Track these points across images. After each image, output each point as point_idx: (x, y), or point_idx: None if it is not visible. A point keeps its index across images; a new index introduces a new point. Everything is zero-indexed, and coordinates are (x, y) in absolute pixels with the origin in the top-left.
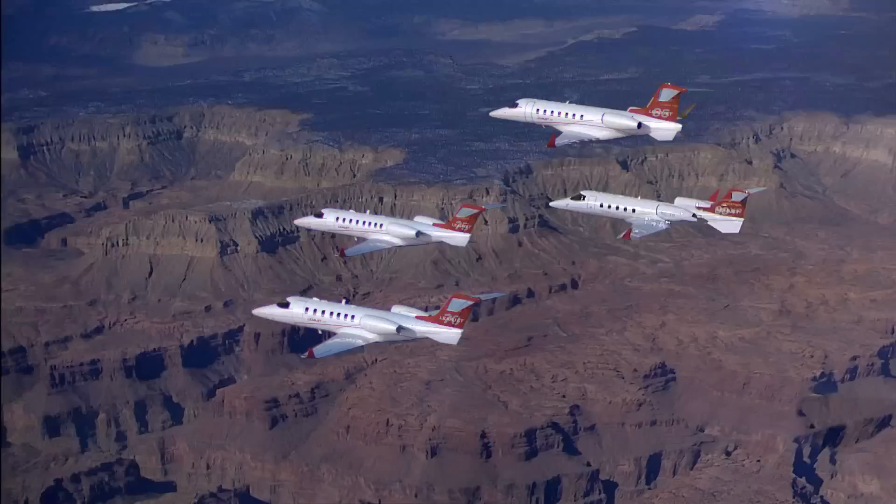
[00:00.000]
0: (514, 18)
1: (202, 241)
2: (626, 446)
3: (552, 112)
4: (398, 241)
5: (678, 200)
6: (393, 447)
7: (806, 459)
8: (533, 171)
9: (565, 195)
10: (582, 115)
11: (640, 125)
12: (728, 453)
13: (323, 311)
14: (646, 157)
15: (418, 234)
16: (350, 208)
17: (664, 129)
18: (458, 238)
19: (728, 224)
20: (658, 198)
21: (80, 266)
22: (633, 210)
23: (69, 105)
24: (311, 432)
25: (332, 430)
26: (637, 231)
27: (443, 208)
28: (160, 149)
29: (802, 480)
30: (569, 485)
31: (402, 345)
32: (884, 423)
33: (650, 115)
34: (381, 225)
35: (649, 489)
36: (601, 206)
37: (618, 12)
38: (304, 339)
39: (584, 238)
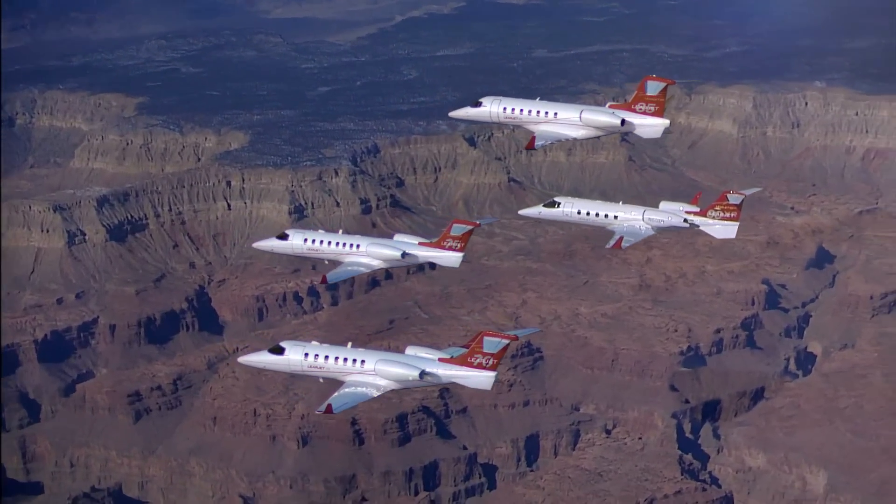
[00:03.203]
0: None
1: (48, 231)
2: (501, 428)
3: (522, 110)
4: (380, 264)
5: (664, 205)
6: (263, 437)
7: (689, 435)
8: (380, 150)
9: (414, 173)
10: (556, 113)
11: (623, 122)
12: (608, 432)
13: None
14: (492, 134)
15: (404, 255)
16: (197, 193)
17: (650, 125)
18: (450, 258)
19: (723, 228)
20: (508, 171)
21: None
22: (616, 217)
23: None
24: (177, 425)
25: (199, 422)
26: (627, 239)
27: (293, 191)
28: None
29: (689, 457)
30: (447, 469)
31: (262, 332)
32: (758, 395)
33: (633, 111)
34: (357, 246)
35: (531, 471)
36: (579, 213)
37: None
38: (161, 328)
39: (437, 217)
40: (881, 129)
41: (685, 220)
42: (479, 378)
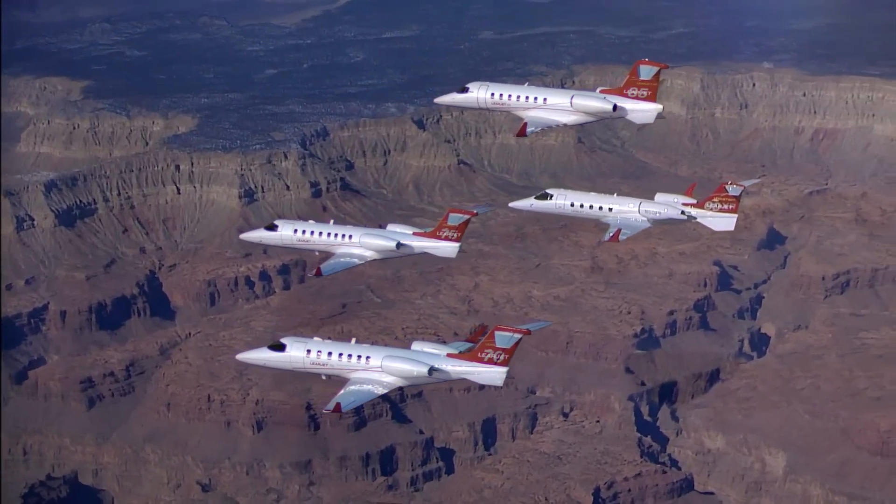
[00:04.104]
0: None
1: None
2: (457, 412)
3: (510, 96)
4: (373, 255)
5: (659, 197)
6: (217, 423)
7: (647, 418)
8: (329, 134)
9: (363, 156)
10: (546, 99)
11: (615, 107)
12: (565, 415)
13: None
14: (441, 116)
15: (399, 245)
16: (146, 177)
17: (643, 110)
18: (447, 248)
19: (722, 221)
20: (457, 154)
21: None
22: (611, 209)
23: None
24: (130, 412)
25: (153, 408)
26: (624, 232)
27: (242, 175)
28: None
29: (648, 439)
30: (404, 454)
31: (214, 317)
32: (713, 377)
33: (625, 96)
34: (350, 236)
35: (490, 455)
36: (572, 205)
37: None
38: (112, 314)
39: (388, 200)
40: (829, 110)
41: (682, 213)
42: (491, 374)
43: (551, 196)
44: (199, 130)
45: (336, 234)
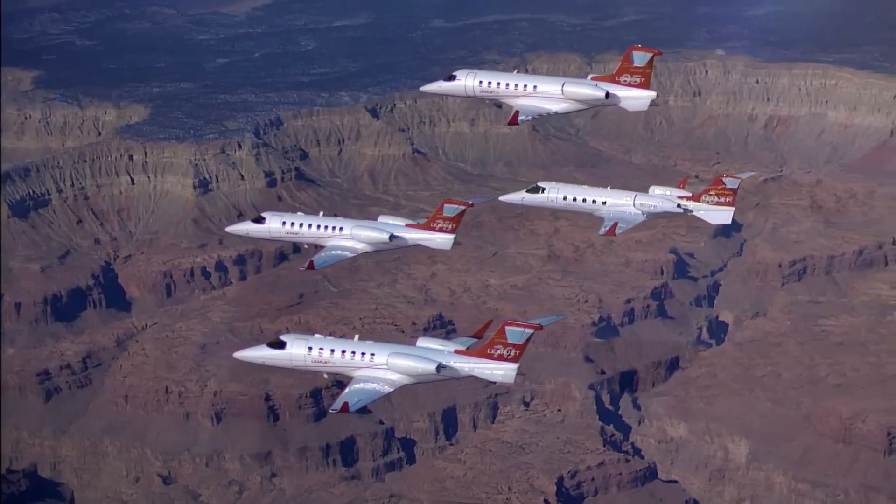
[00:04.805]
0: None
1: None
2: (417, 402)
3: (499, 84)
4: (365, 247)
5: (654, 190)
6: (176, 415)
7: (608, 406)
8: (283, 123)
9: (318, 145)
10: (536, 87)
11: (608, 95)
12: (526, 404)
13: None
14: (395, 105)
15: (392, 237)
16: (99, 167)
17: (636, 97)
18: (441, 240)
19: (719, 214)
20: (412, 143)
21: None
22: (605, 202)
23: None
24: (88, 404)
25: (111, 400)
26: (620, 226)
27: (196, 164)
28: None
29: (611, 428)
30: (364, 445)
31: (170, 308)
32: (673, 364)
33: (618, 83)
34: (341, 228)
35: (451, 445)
36: (565, 198)
37: None
38: (67, 306)
39: (343, 189)
40: (782, 97)
41: (678, 206)
42: (501, 371)
43: (543, 189)
44: (151, 120)
45: (326, 227)
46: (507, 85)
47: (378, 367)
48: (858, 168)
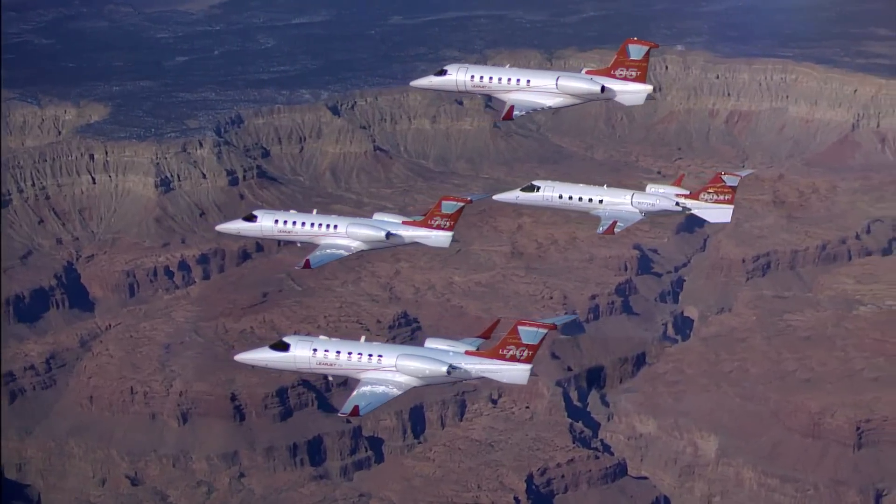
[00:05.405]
0: None
1: None
2: None
3: (491, 78)
4: (360, 246)
5: (651, 188)
6: (142, 416)
7: (577, 403)
8: (244, 121)
9: (279, 143)
10: (529, 81)
11: (603, 89)
12: (494, 402)
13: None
14: (356, 102)
15: (388, 235)
16: (60, 167)
17: (633, 91)
18: (439, 238)
19: (717, 212)
20: (373, 140)
21: None
22: (601, 201)
23: None
24: (53, 405)
25: (75, 401)
26: (619, 224)
27: (158, 163)
28: None
29: (580, 425)
30: (332, 444)
31: (134, 308)
32: (640, 360)
33: (613, 77)
34: (335, 226)
35: (419, 443)
36: (560, 197)
37: None
38: (30, 306)
39: (305, 187)
40: (743, 92)
41: (677, 204)
42: (514, 372)
43: (538, 188)
44: (112, 119)
45: (321, 225)
46: (500, 79)
47: (386, 369)
48: (820, 163)
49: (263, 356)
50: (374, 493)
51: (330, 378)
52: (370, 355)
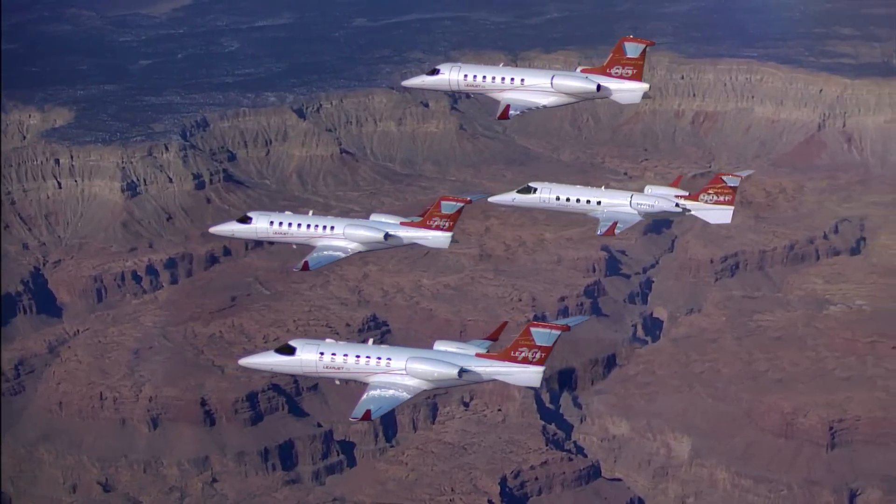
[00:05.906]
0: None
1: None
2: (354, 404)
3: (485, 77)
4: (358, 247)
5: (650, 189)
6: (112, 421)
7: (549, 405)
8: (210, 124)
9: (245, 147)
10: (523, 80)
11: (599, 87)
12: (466, 404)
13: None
14: (321, 105)
15: (387, 236)
16: (25, 171)
17: (628, 90)
18: (438, 238)
19: (718, 213)
20: (339, 143)
21: None
22: (599, 203)
23: None
24: (22, 411)
25: (45, 407)
26: (619, 226)
27: (124, 167)
28: None
29: (553, 427)
30: (303, 448)
31: (102, 313)
32: (610, 362)
33: (609, 75)
34: (332, 227)
35: (391, 447)
36: (558, 199)
37: None
38: None
39: (272, 191)
40: (708, 93)
41: (677, 205)
42: (526, 374)
43: (535, 190)
44: (77, 123)
45: (317, 226)
46: (494, 78)
47: (395, 372)
48: (787, 163)
49: (269, 360)
50: (349, 497)
51: (338, 381)
52: (379, 358)
